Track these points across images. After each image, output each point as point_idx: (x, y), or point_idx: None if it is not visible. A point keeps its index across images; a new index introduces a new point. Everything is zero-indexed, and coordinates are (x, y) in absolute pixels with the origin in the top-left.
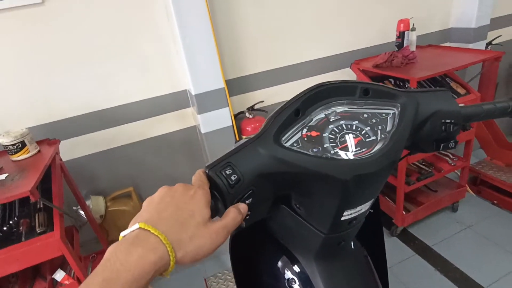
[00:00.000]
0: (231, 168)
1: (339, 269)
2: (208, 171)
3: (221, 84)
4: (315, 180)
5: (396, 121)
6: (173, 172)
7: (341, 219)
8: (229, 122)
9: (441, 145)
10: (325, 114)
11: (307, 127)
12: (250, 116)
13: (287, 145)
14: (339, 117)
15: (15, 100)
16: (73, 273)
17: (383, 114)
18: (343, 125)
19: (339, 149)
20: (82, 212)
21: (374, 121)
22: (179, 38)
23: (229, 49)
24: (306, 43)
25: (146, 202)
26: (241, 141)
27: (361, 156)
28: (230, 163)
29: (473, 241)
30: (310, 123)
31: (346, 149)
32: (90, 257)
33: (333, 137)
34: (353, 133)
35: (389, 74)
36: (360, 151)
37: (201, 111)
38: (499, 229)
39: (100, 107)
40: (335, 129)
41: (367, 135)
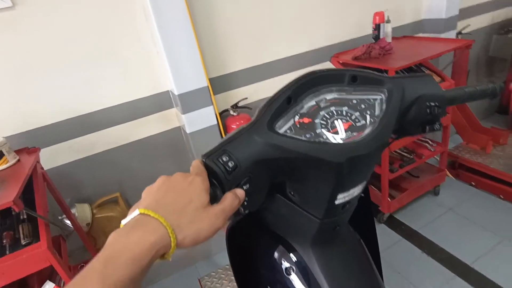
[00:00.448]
0: (228, 156)
1: (335, 254)
2: (205, 160)
3: (205, 83)
4: (309, 165)
5: (383, 106)
6: (161, 174)
7: (335, 203)
8: (214, 120)
9: (427, 127)
10: (315, 101)
11: (299, 114)
12: (235, 114)
13: (280, 132)
14: (329, 104)
15: None
16: (63, 284)
17: (371, 100)
18: (334, 111)
19: (331, 133)
20: (68, 221)
21: (363, 106)
22: (159, 38)
23: (210, 47)
24: (286, 39)
25: (145, 191)
26: (235, 130)
27: (353, 140)
28: (226, 150)
29: (455, 223)
30: (301, 111)
31: (337, 133)
32: (79, 266)
33: (325, 123)
34: (343, 119)
35: (368, 65)
36: (351, 135)
37: (185, 110)
38: (478, 209)
39: (80, 112)
40: (326, 115)
41: (357, 120)
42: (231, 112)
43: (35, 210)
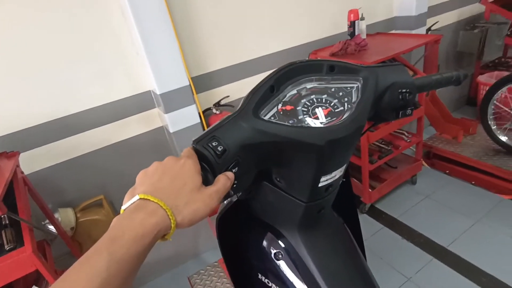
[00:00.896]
0: (217, 141)
1: (321, 237)
2: (195, 145)
3: (186, 82)
4: (292, 149)
5: (360, 93)
6: None
7: (318, 185)
8: (197, 119)
9: (400, 113)
10: (297, 90)
11: (282, 102)
12: (217, 112)
13: (265, 119)
14: (309, 92)
15: None
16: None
17: (348, 88)
18: (314, 99)
19: (313, 119)
20: (51, 226)
21: (341, 94)
22: (139, 38)
23: (191, 46)
24: (266, 38)
25: (140, 176)
26: (222, 118)
27: (333, 124)
28: (215, 136)
29: (432, 209)
30: (284, 99)
31: (318, 119)
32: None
33: (306, 109)
34: (323, 106)
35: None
36: (331, 120)
37: (168, 110)
38: (452, 195)
39: (60, 114)
40: (307, 102)
41: (335, 106)
42: (214, 111)
43: (17, 215)
